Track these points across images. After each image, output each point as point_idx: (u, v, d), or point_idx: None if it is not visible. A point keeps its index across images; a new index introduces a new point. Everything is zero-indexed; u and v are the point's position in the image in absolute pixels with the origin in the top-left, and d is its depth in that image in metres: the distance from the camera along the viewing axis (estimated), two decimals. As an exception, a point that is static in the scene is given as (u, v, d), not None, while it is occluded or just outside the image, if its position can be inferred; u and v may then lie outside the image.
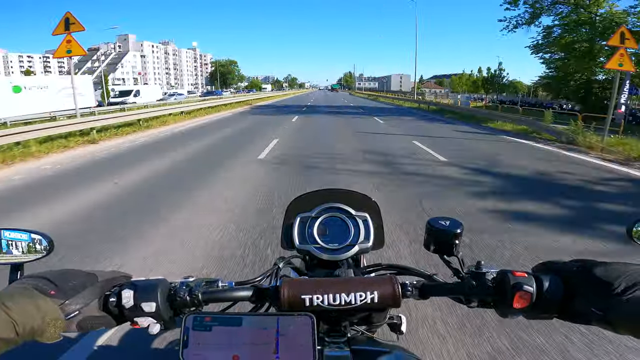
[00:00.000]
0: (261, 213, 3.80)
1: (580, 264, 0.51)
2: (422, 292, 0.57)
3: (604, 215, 3.91)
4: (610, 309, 0.44)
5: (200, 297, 0.54)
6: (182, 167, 6.33)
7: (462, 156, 7.21)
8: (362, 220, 0.75)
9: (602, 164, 6.81)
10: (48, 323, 0.44)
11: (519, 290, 0.49)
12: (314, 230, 0.74)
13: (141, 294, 0.50)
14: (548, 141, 9.59)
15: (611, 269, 0.48)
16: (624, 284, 0.45)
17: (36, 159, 6.99)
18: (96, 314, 0.50)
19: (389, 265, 0.72)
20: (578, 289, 0.49)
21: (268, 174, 5.66)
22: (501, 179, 5.52)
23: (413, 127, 13.14)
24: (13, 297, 0.43)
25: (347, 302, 0.50)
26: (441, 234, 0.62)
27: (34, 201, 4.34)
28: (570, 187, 5.13)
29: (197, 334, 0.47)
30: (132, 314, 0.51)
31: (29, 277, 0.50)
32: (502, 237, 3.20)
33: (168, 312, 0.52)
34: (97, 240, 3.15)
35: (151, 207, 4.06)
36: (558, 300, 0.49)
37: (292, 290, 0.51)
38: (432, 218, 0.65)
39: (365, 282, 0.53)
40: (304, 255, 0.76)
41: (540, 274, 0.51)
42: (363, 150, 7.79)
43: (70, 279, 0.51)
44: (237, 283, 0.60)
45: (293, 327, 0.47)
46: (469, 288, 0.54)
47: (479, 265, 0.56)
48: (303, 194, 0.83)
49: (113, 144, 8.92)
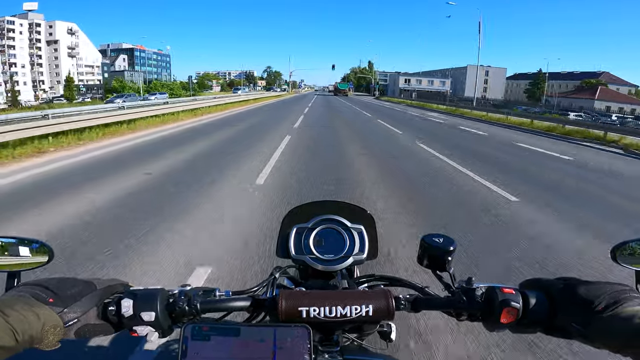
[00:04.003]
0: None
1: (565, 282, 0.54)
2: (415, 305, 0.59)
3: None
4: (590, 325, 0.47)
5: (199, 306, 0.55)
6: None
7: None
8: (358, 232, 0.77)
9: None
10: (47, 331, 0.45)
11: (507, 306, 0.52)
12: (310, 241, 0.76)
13: (140, 303, 0.51)
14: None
15: (594, 287, 0.51)
16: (604, 302, 0.48)
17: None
18: (95, 321, 0.51)
19: (381, 277, 0.75)
20: (562, 305, 0.51)
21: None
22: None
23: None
24: (12, 305, 0.44)
25: (342, 315, 0.52)
26: (434, 251, 0.64)
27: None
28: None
29: (195, 344, 0.48)
30: (131, 323, 0.51)
31: (26, 285, 0.51)
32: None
33: (167, 321, 0.53)
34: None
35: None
36: (543, 316, 0.52)
37: (289, 302, 0.52)
38: (425, 235, 0.67)
39: (361, 295, 0.54)
40: (299, 265, 0.78)
41: (526, 291, 0.54)
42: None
43: (69, 286, 0.51)
44: (234, 292, 0.61)
45: (290, 338, 0.48)
46: (459, 303, 0.57)
47: (469, 281, 0.58)
48: (299, 205, 0.85)
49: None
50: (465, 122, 18.87)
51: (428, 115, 24.03)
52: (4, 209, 3.91)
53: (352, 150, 8.58)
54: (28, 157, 6.63)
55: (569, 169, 7.62)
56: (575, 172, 7.26)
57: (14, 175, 5.40)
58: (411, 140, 10.60)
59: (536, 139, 13.16)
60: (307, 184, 5.30)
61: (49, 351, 0.46)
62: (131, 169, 5.87)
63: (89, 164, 6.40)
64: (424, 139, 10.81)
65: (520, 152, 9.70)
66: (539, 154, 9.48)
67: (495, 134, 14.01)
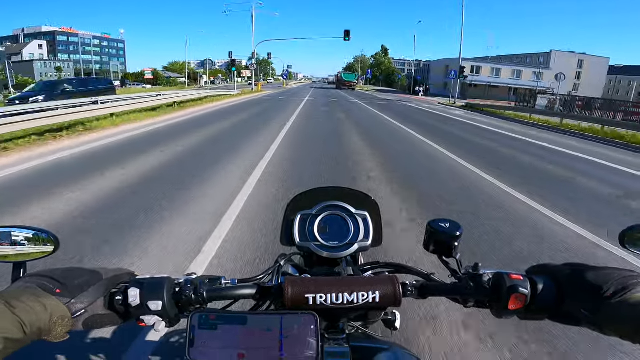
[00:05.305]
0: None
1: (572, 268, 0.53)
2: (422, 292, 0.58)
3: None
4: (599, 311, 0.47)
5: (205, 295, 0.55)
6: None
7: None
8: (362, 218, 0.77)
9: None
10: (55, 322, 0.45)
11: (515, 292, 0.51)
12: (315, 227, 0.75)
13: (147, 292, 0.51)
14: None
15: (602, 273, 0.50)
16: (613, 288, 0.47)
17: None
18: (102, 312, 0.51)
19: (386, 264, 0.74)
20: (570, 291, 0.51)
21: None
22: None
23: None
24: (18, 296, 0.43)
25: (349, 302, 0.52)
26: (440, 236, 0.63)
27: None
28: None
29: (202, 333, 0.48)
30: (138, 312, 0.51)
31: (33, 276, 0.50)
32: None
33: (174, 310, 0.53)
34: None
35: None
36: (551, 302, 0.51)
37: (296, 289, 0.52)
38: (432, 220, 0.66)
39: (368, 282, 0.54)
40: (304, 252, 0.78)
41: (534, 277, 0.53)
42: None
43: (75, 277, 0.51)
44: (239, 281, 0.61)
45: (297, 325, 0.48)
46: (466, 289, 0.56)
47: (476, 267, 0.58)
48: (304, 192, 0.84)
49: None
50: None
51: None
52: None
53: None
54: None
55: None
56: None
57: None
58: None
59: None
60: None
61: (57, 343, 0.46)
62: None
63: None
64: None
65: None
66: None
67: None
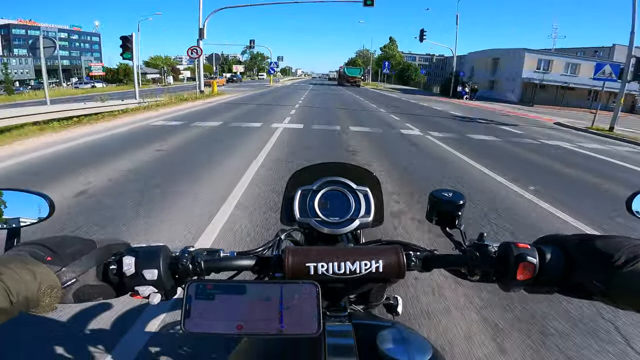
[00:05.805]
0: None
1: (581, 238, 0.51)
2: (426, 263, 0.56)
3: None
4: (611, 281, 0.45)
5: (203, 265, 0.53)
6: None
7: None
8: (363, 194, 0.75)
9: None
10: (44, 292, 0.42)
11: (523, 261, 0.49)
12: (315, 203, 0.74)
13: (143, 260, 0.49)
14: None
15: (612, 242, 0.48)
16: (624, 257, 0.45)
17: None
18: (94, 282, 0.49)
19: (387, 242, 0.72)
20: (579, 261, 0.49)
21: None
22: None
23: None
24: (6, 263, 0.41)
25: (351, 271, 0.50)
26: (443, 206, 0.62)
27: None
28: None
29: (199, 303, 0.45)
30: (133, 282, 0.49)
31: (25, 244, 0.48)
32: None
33: (170, 281, 0.51)
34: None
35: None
36: (560, 273, 0.50)
37: (297, 258, 0.51)
38: (435, 190, 0.64)
39: (371, 251, 0.52)
40: (304, 228, 0.76)
41: (542, 246, 0.52)
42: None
43: (68, 245, 0.49)
44: (239, 253, 0.59)
45: (297, 295, 0.46)
46: (472, 260, 0.54)
47: (481, 237, 0.56)
48: (304, 167, 0.82)
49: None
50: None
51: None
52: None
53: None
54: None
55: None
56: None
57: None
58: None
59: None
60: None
61: (46, 316, 0.44)
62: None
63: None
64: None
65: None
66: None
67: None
